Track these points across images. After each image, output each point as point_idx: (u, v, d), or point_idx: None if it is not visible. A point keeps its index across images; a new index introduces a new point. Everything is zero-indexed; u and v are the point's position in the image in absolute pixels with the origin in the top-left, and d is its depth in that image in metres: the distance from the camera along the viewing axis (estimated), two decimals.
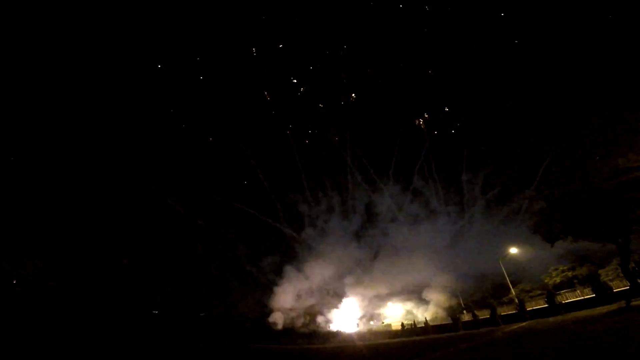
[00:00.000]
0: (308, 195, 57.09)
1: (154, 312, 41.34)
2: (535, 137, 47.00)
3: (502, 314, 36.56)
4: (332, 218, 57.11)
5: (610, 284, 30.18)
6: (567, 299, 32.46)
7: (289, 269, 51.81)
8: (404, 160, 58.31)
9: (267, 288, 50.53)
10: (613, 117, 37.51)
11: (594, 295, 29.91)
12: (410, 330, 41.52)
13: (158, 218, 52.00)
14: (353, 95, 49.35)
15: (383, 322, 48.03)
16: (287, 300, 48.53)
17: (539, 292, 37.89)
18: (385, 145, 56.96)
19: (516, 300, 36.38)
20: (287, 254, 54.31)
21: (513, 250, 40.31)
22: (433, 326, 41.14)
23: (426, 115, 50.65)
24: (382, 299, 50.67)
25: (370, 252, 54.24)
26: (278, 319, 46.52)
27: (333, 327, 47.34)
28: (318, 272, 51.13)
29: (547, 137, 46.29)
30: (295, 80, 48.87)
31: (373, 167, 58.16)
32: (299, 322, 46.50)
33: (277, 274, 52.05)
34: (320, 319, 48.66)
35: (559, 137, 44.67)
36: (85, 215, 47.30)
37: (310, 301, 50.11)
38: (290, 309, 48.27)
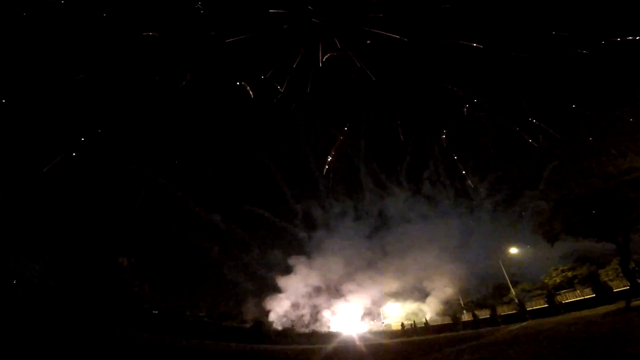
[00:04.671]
0: (322, 199, 58.23)
1: (154, 312, 41.30)
2: (540, 139, 47.37)
3: (502, 314, 36.54)
4: (343, 220, 58.10)
5: (610, 284, 30.14)
6: (567, 299, 32.44)
7: (298, 269, 52.37)
8: (414, 164, 59.32)
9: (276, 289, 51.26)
10: (613, 117, 37.60)
11: (594, 295, 29.90)
12: (410, 330, 41.51)
13: (173, 219, 52.62)
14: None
15: (383, 322, 48.01)
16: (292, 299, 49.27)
17: (539, 292, 37.84)
18: (396, 151, 58.10)
19: (516, 300, 36.38)
20: (298, 254, 55.00)
21: (513, 250, 40.30)
22: (433, 326, 41.14)
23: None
24: (383, 298, 50.75)
25: (375, 253, 54.51)
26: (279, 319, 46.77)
27: (333, 327, 47.35)
28: (325, 271, 51.78)
29: (551, 139, 46.55)
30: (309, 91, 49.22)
31: (384, 172, 59.25)
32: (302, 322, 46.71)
33: (287, 272, 52.80)
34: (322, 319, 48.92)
35: (562, 139, 44.89)
36: (86, 216, 47.32)
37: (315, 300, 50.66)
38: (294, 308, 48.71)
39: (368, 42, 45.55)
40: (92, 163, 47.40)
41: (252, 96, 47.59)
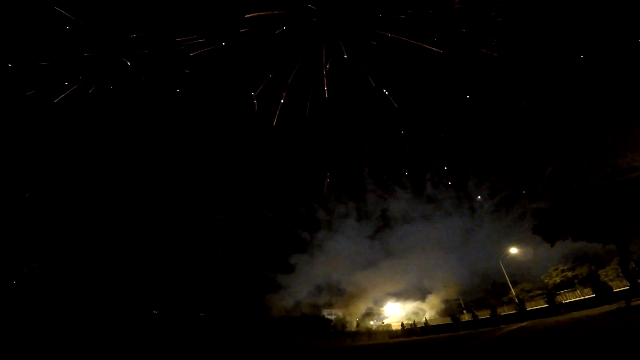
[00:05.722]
0: (325, 201, 58.80)
1: (154, 312, 41.33)
2: (542, 142, 47.40)
3: (502, 314, 36.55)
4: (345, 222, 58.50)
5: (610, 284, 30.13)
6: (567, 299, 32.43)
7: (301, 269, 52.69)
8: (415, 166, 59.75)
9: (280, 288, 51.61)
10: (613, 118, 37.55)
11: (594, 295, 29.88)
12: (410, 330, 41.54)
13: (177, 220, 52.99)
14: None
15: (383, 322, 48.07)
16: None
17: (539, 292, 37.86)
18: (399, 153, 58.62)
19: (516, 300, 36.39)
20: (301, 253, 55.44)
21: (513, 250, 40.31)
22: (433, 326, 41.17)
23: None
24: (383, 297, 50.84)
25: (376, 253, 54.72)
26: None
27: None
28: (327, 271, 52.09)
29: (553, 141, 46.53)
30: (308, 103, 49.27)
31: (386, 174, 59.60)
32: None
33: (290, 272, 53.23)
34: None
35: (563, 141, 44.86)
36: (88, 216, 47.30)
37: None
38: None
39: (373, 43, 45.25)
40: (94, 163, 47.48)
41: (256, 109, 47.68)
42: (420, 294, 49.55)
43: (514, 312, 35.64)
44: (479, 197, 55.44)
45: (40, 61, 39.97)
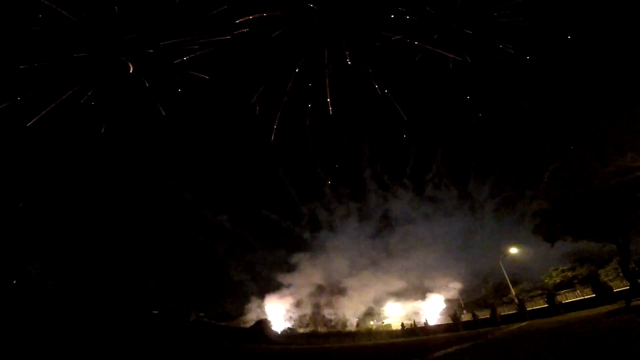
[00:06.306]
0: (326, 201, 58.85)
1: (154, 312, 41.33)
2: (542, 142, 47.51)
3: (502, 314, 36.57)
4: (346, 222, 58.61)
5: (610, 284, 30.16)
6: (567, 299, 32.47)
7: (302, 269, 52.75)
8: (416, 167, 59.98)
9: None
10: (613, 118, 37.54)
11: (594, 295, 29.90)
12: (410, 330, 41.55)
13: (180, 220, 53.13)
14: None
15: (383, 322, 48.09)
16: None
17: (539, 292, 37.91)
18: (400, 153, 58.90)
19: (516, 300, 36.39)
20: (302, 253, 55.53)
21: (513, 250, 40.34)
22: (433, 326, 41.18)
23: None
24: (383, 297, 50.85)
25: (377, 253, 54.74)
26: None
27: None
28: (328, 271, 52.23)
29: (553, 141, 46.62)
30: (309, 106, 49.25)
31: (387, 174, 59.80)
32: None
33: (290, 271, 53.27)
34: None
35: (563, 141, 44.96)
36: (87, 216, 47.34)
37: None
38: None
39: (377, 44, 45.18)
40: (96, 163, 47.52)
41: (257, 113, 47.72)
42: (420, 294, 49.61)
43: (514, 312, 35.67)
44: (480, 197, 55.49)
45: (23, 63, 39.56)
